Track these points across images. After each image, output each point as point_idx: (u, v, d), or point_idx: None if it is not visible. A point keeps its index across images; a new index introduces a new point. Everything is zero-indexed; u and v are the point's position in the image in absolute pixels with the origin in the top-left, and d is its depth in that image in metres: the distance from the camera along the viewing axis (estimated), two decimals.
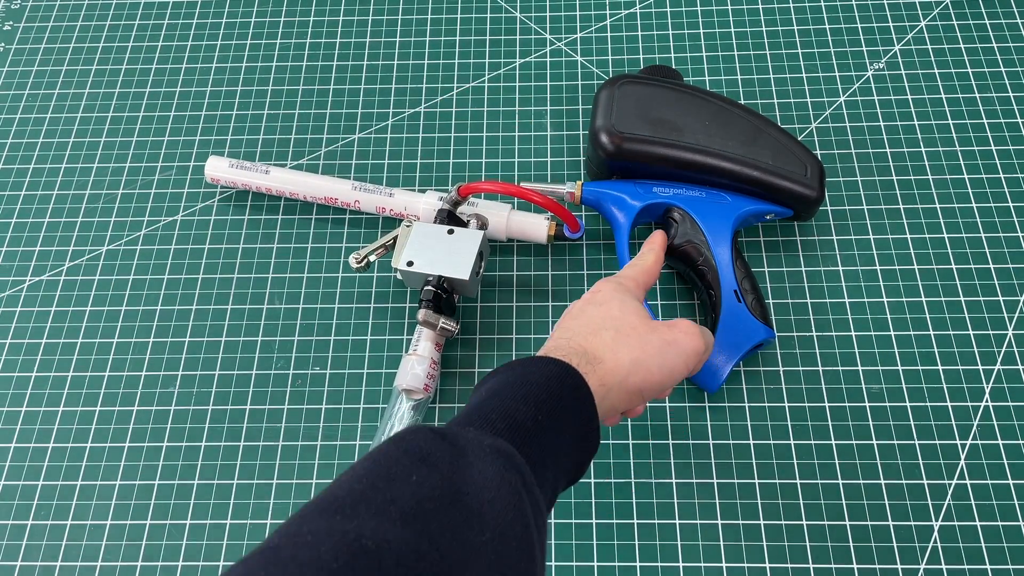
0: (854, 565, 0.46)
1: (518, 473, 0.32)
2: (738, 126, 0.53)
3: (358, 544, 0.27)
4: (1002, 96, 0.61)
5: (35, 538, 0.49)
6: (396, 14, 0.68)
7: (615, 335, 0.40)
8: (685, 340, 0.40)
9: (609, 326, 0.40)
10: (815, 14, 0.66)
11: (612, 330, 0.40)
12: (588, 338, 0.40)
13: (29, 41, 0.68)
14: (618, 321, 0.40)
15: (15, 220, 0.60)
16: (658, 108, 0.54)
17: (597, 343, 0.39)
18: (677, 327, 0.41)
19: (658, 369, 0.39)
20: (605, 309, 0.41)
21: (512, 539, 0.30)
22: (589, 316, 0.41)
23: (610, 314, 0.41)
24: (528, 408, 0.35)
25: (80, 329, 0.56)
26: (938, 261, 0.55)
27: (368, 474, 0.30)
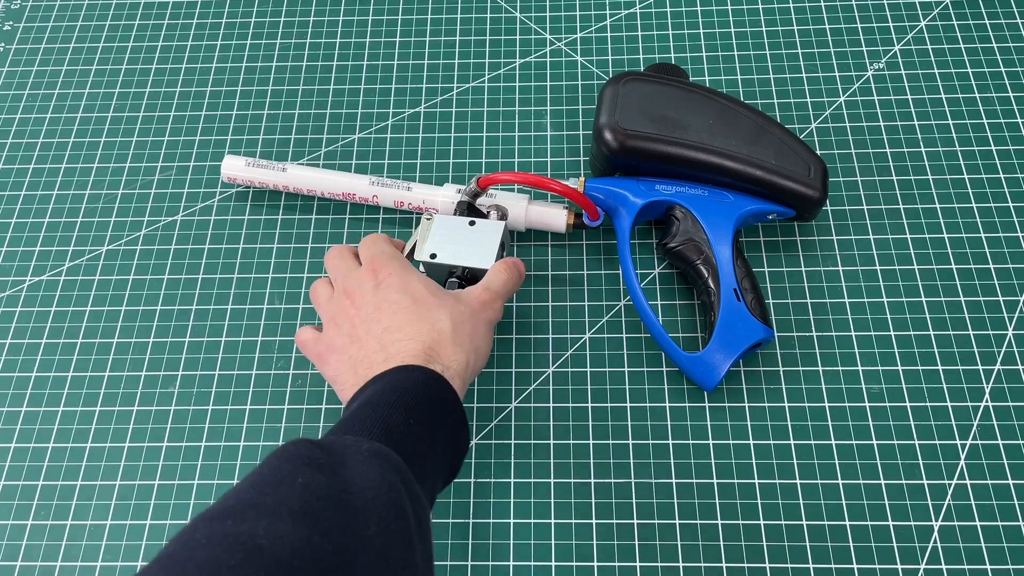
0: (854, 565, 0.46)
1: (396, 472, 0.34)
2: (742, 125, 0.53)
3: (252, 543, 0.28)
4: (1002, 96, 0.61)
5: (35, 538, 0.49)
6: (396, 14, 0.68)
7: (453, 329, 0.43)
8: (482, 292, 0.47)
9: (427, 316, 0.43)
10: (815, 14, 0.66)
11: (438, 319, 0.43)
12: (421, 335, 0.42)
13: (29, 41, 0.68)
14: (420, 304, 0.44)
15: (15, 220, 0.60)
16: (662, 106, 0.54)
17: (436, 340, 0.42)
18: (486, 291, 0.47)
19: (485, 330, 0.45)
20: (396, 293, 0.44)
21: (395, 532, 0.32)
22: (395, 306, 0.43)
23: (407, 298, 0.44)
24: (399, 413, 0.37)
25: (80, 329, 0.56)
26: (938, 261, 0.55)
27: (254, 485, 0.31)
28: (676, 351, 0.51)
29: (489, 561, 0.47)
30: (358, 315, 0.44)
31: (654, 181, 0.54)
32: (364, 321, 0.43)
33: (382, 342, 0.42)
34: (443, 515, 0.49)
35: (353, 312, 0.44)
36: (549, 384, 0.52)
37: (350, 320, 0.44)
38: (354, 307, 0.44)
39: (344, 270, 0.47)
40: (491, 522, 0.48)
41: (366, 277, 0.45)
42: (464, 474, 0.50)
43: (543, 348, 0.53)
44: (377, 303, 0.44)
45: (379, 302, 0.44)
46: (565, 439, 0.51)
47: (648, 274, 0.56)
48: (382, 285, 0.44)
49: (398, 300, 0.43)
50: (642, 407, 0.51)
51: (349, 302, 0.45)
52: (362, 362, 0.42)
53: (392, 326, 0.42)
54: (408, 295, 0.43)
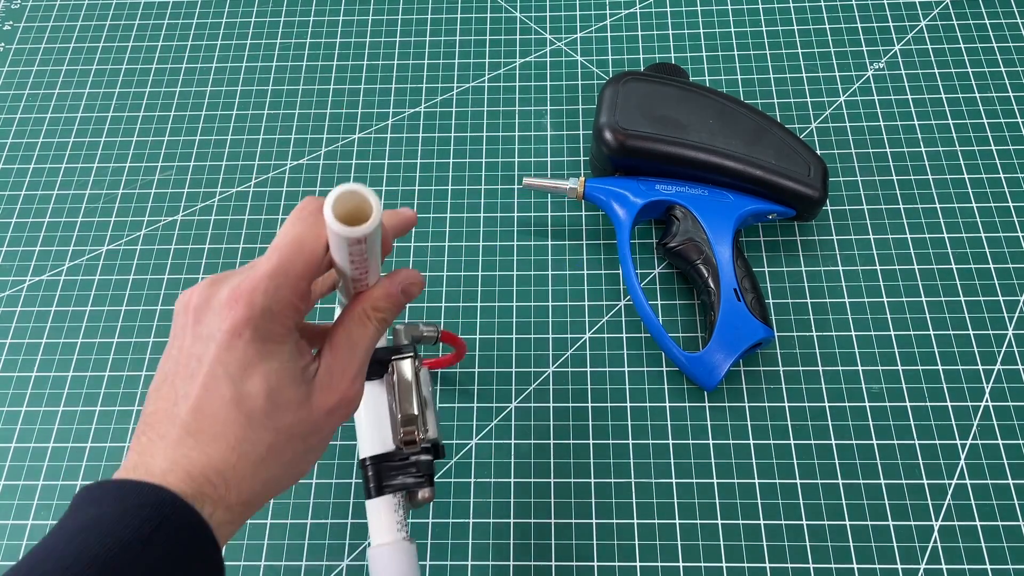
0: (854, 565, 0.46)
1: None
2: (742, 125, 0.53)
3: None
4: (1002, 96, 0.61)
5: (35, 538, 0.49)
6: (396, 14, 0.68)
7: (266, 454, 0.29)
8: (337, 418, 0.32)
9: (233, 427, 0.28)
10: (815, 14, 0.66)
11: (237, 432, 0.28)
12: (212, 454, 0.28)
13: (29, 41, 0.68)
14: (248, 417, 0.29)
15: (15, 220, 0.60)
16: (662, 106, 0.54)
17: (231, 467, 0.28)
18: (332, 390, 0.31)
19: (319, 446, 0.32)
20: (218, 389, 0.29)
21: None
22: (201, 401, 0.29)
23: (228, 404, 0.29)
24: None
25: (80, 329, 0.56)
26: (938, 261, 0.55)
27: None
28: (676, 351, 0.51)
29: (489, 561, 0.47)
30: (182, 348, 0.30)
31: (654, 181, 0.54)
32: (178, 367, 0.30)
33: (161, 429, 0.29)
34: (443, 515, 0.49)
35: (182, 340, 0.30)
36: (549, 384, 0.52)
37: (179, 343, 0.30)
38: (185, 334, 0.30)
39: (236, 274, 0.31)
40: (491, 522, 0.48)
41: (196, 311, 0.30)
42: (464, 474, 0.50)
43: (543, 348, 0.53)
44: (190, 364, 0.29)
45: (192, 366, 0.29)
46: (565, 439, 0.51)
47: (648, 274, 0.56)
48: (203, 340, 0.29)
49: (212, 387, 0.29)
50: (642, 407, 0.51)
51: (190, 318, 0.30)
52: (150, 413, 0.29)
53: (184, 418, 0.28)
54: (232, 385, 0.29)
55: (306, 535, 0.49)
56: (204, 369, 0.29)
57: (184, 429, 0.28)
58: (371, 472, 0.39)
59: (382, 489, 0.39)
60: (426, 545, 0.48)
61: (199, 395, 0.29)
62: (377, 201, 0.28)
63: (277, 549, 0.48)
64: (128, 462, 0.29)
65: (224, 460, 0.28)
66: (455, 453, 0.51)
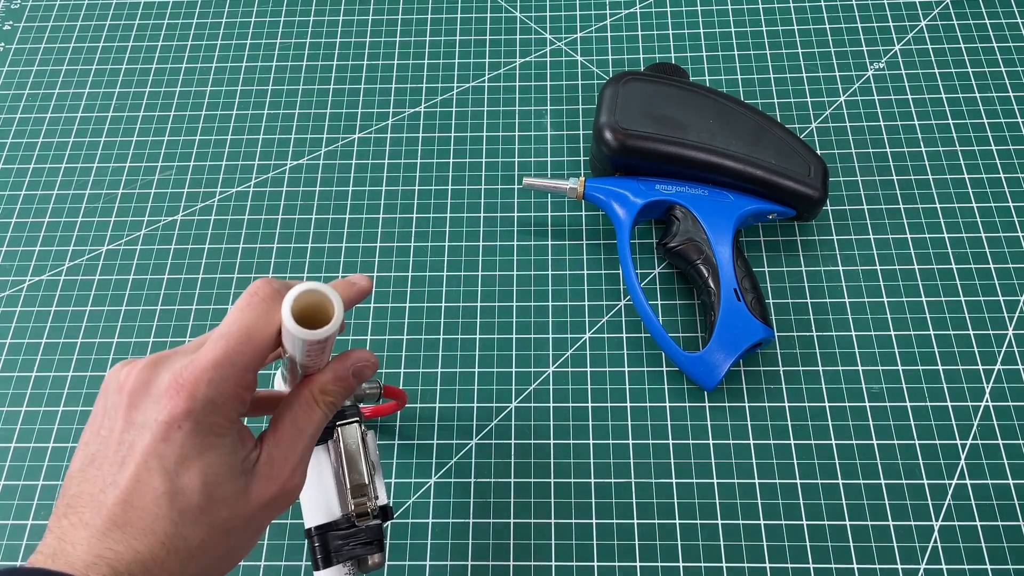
0: (854, 565, 0.46)
1: None
2: (742, 125, 0.53)
3: None
4: (1002, 96, 0.61)
5: (35, 538, 0.49)
6: (396, 14, 0.68)
7: (199, 547, 0.28)
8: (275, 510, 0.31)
9: (164, 522, 0.27)
10: (815, 14, 0.66)
11: (168, 528, 0.27)
12: (142, 549, 0.27)
13: (29, 41, 0.68)
14: (182, 513, 0.27)
15: (15, 220, 0.60)
16: (662, 105, 0.54)
17: (160, 561, 0.27)
18: (272, 481, 0.30)
19: (252, 538, 0.31)
20: (150, 482, 0.27)
21: None
22: (131, 492, 0.27)
23: (160, 498, 0.27)
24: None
25: (80, 329, 0.56)
26: (938, 261, 0.55)
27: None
28: (676, 351, 0.51)
29: (489, 561, 0.47)
30: (112, 431, 0.28)
31: (654, 181, 0.54)
32: (107, 450, 0.28)
33: (85, 515, 0.27)
34: (443, 515, 0.49)
35: (113, 422, 0.29)
36: (549, 384, 0.52)
37: (109, 424, 0.29)
38: (116, 416, 0.29)
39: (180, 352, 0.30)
40: (491, 522, 0.48)
41: (131, 395, 0.28)
42: (464, 474, 0.50)
43: (543, 348, 0.53)
44: (120, 451, 0.28)
45: (122, 453, 0.28)
46: (565, 439, 0.51)
47: (648, 274, 0.56)
48: (136, 427, 0.28)
49: (144, 479, 0.27)
50: (642, 407, 0.51)
51: (123, 401, 0.29)
52: (74, 495, 0.28)
53: (112, 508, 0.27)
54: (166, 479, 0.27)
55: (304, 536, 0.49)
56: (136, 458, 0.27)
57: (111, 520, 0.27)
58: (318, 543, 0.38)
59: (330, 560, 0.38)
60: (426, 545, 0.48)
61: (129, 486, 0.27)
62: (339, 301, 0.27)
63: (277, 549, 0.48)
64: (47, 546, 0.27)
65: (152, 556, 0.27)
66: (455, 453, 0.51)
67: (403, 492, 0.49)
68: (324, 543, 0.38)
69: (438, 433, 0.51)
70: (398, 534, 0.48)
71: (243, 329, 0.28)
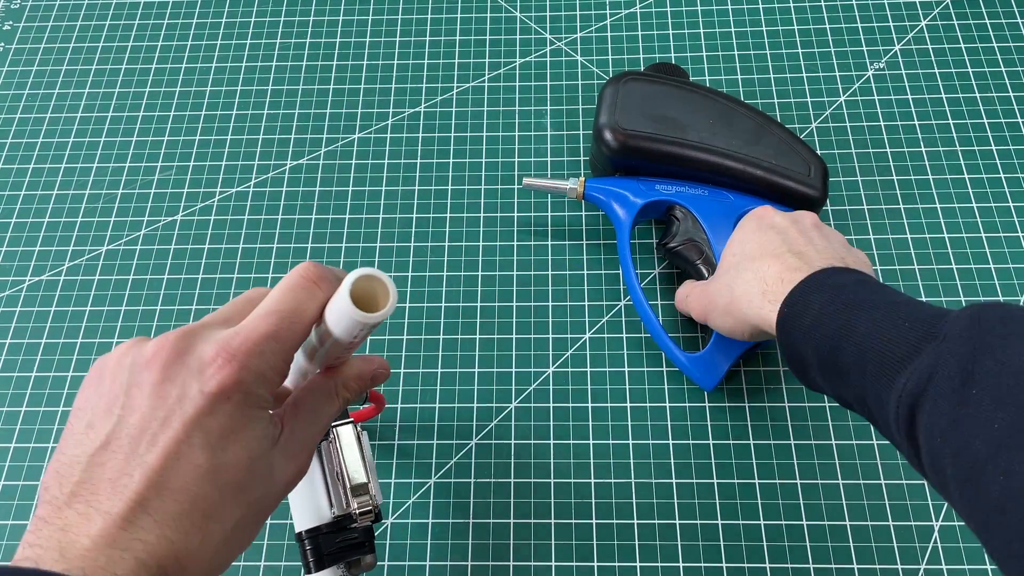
0: (854, 565, 0.46)
1: None
2: (742, 125, 0.53)
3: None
4: (1002, 96, 0.61)
5: None
6: (396, 14, 0.68)
7: (231, 534, 0.26)
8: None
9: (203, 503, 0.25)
10: (815, 13, 0.66)
11: (207, 509, 0.25)
12: (176, 542, 0.24)
13: (29, 41, 0.68)
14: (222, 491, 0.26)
15: (15, 220, 0.60)
16: (662, 106, 0.54)
17: (193, 554, 0.25)
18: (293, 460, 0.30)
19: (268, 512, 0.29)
20: (192, 458, 0.25)
21: None
22: (166, 472, 0.25)
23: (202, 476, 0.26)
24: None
25: (80, 329, 0.56)
26: (938, 261, 0.55)
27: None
28: (676, 351, 0.50)
29: (489, 561, 0.47)
30: (132, 409, 0.26)
31: (654, 181, 0.54)
32: (126, 428, 0.26)
33: (101, 502, 0.24)
34: (443, 515, 0.49)
35: (133, 399, 0.27)
36: (549, 384, 0.52)
37: (124, 402, 0.27)
38: (140, 393, 0.27)
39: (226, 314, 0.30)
40: (491, 522, 0.48)
41: (164, 366, 0.27)
42: (464, 474, 0.50)
43: (543, 348, 0.53)
44: (149, 427, 0.26)
45: (152, 430, 0.26)
46: (565, 439, 0.51)
47: (648, 274, 0.56)
48: (170, 400, 0.26)
49: (185, 455, 0.25)
50: (642, 407, 0.51)
51: (154, 374, 0.27)
52: (80, 482, 0.25)
53: (140, 491, 0.24)
54: (210, 454, 0.26)
55: None
56: (173, 433, 0.25)
57: (139, 505, 0.24)
58: (309, 547, 0.37)
59: (322, 562, 0.37)
60: (426, 545, 0.48)
61: (164, 464, 0.25)
62: (393, 287, 0.28)
63: (277, 549, 0.48)
64: (44, 538, 0.23)
65: (185, 545, 0.24)
66: (455, 453, 0.51)
67: (403, 492, 0.49)
68: (316, 546, 0.38)
69: (438, 433, 0.51)
70: (398, 534, 0.48)
71: (296, 308, 0.28)
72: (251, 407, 0.27)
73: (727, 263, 0.44)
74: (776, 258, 0.40)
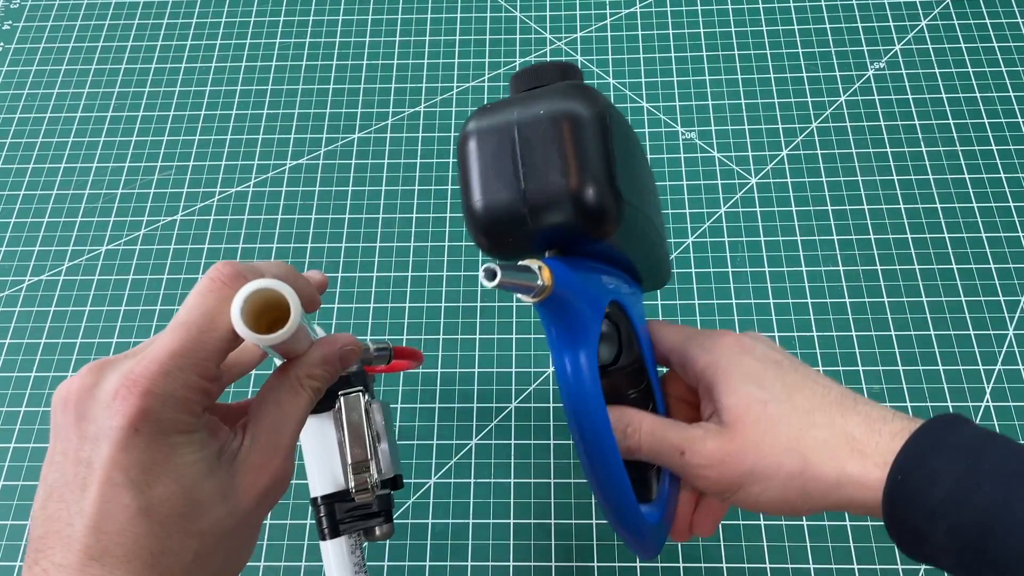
0: (854, 565, 0.46)
1: None
2: None
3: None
4: (1003, 96, 0.61)
5: None
6: (396, 14, 0.68)
7: (192, 561, 0.25)
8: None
9: (147, 540, 0.24)
10: (815, 13, 0.66)
11: (153, 546, 0.24)
12: (119, 569, 0.24)
13: (28, 40, 0.68)
14: (163, 525, 0.25)
15: (14, 220, 0.60)
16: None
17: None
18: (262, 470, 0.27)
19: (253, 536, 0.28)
20: (119, 499, 0.24)
21: None
22: (100, 517, 0.24)
23: (135, 516, 0.24)
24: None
25: (79, 329, 0.55)
26: (938, 261, 0.55)
27: None
28: (632, 506, 0.32)
29: (489, 562, 0.47)
30: (67, 453, 0.25)
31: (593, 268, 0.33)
32: (64, 476, 0.25)
33: (56, 556, 0.24)
34: (443, 515, 0.49)
35: (66, 442, 0.25)
36: (549, 384, 0.52)
37: (62, 447, 0.25)
38: (68, 435, 0.25)
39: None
40: (491, 522, 0.48)
41: (77, 405, 0.25)
42: (464, 474, 0.50)
43: (543, 348, 0.53)
44: (79, 472, 0.25)
45: (81, 474, 0.24)
46: (565, 439, 0.50)
47: None
48: (90, 440, 0.25)
49: (112, 498, 0.24)
50: None
51: (71, 416, 0.25)
52: (39, 538, 0.25)
53: (84, 540, 0.24)
54: (136, 493, 0.24)
55: (305, 535, 0.49)
56: (97, 476, 0.24)
57: (85, 554, 0.24)
58: (323, 512, 0.37)
59: (337, 530, 0.37)
60: (426, 545, 0.48)
61: (96, 510, 0.24)
62: (295, 300, 0.25)
63: (277, 549, 0.48)
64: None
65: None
66: (455, 453, 0.50)
67: (403, 493, 0.49)
68: (331, 513, 0.37)
69: (438, 433, 0.51)
70: (398, 534, 0.48)
71: (205, 315, 0.26)
72: (168, 434, 0.25)
73: (759, 415, 0.32)
74: (840, 406, 0.32)
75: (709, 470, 0.32)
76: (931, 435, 0.29)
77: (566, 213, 0.29)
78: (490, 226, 0.31)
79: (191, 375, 0.25)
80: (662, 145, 0.60)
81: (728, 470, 0.32)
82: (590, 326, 0.31)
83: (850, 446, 0.30)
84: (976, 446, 0.28)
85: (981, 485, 0.27)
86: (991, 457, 0.28)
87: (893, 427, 0.31)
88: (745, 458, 0.31)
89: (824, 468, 0.30)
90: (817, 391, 0.33)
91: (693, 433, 0.32)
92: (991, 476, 0.27)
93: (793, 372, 0.34)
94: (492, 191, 0.31)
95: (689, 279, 0.55)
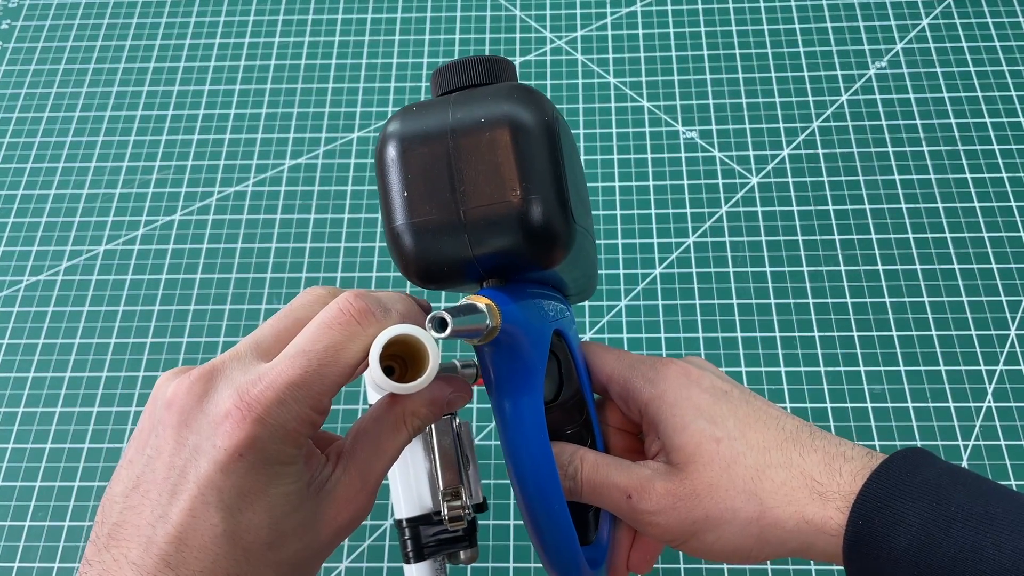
0: None
1: None
2: None
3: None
4: (1004, 95, 0.61)
5: (32, 540, 0.49)
6: (396, 12, 0.68)
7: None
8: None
9: (226, 562, 0.24)
10: (816, 13, 0.65)
11: (230, 569, 0.25)
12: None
13: (27, 40, 0.68)
14: (246, 551, 0.25)
15: (12, 219, 0.60)
16: None
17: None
18: (348, 504, 0.27)
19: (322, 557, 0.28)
20: (208, 518, 0.24)
21: None
22: (185, 529, 0.24)
23: (220, 538, 0.24)
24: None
25: (78, 329, 0.55)
26: (940, 260, 0.55)
27: None
28: (572, 550, 0.31)
29: (489, 563, 0.47)
30: (160, 451, 0.25)
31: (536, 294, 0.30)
32: (154, 474, 0.25)
33: (131, 551, 0.24)
34: None
35: (161, 439, 0.25)
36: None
37: (155, 443, 0.25)
38: (164, 433, 0.25)
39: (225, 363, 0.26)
40: (491, 523, 0.48)
41: (182, 412, 0.25)
42: None
43: None
44: (170, 477, 0.25)
45: (173, 480, 0.25)
46: None
47: (648, 274, 0.55)
48: (189, 450, 0.25)
49: (201, 514, 0.24)
50: None
51: (173, 418, 0.25)
52: (116, 524, 0.25)
53: (163, 547, 0.24)
54: (226, 516, 0.24)
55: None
56: (190, 489, 0.24)
57: (163, 560, 0.24)
58: (408, 535, 0.36)
59: (422, 554, 0.36)
60: None
61: (183, 522, 0.24)
62: (435, 350, 0.24)
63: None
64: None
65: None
66: None
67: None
68: (416, 536, 0.36)
69: None
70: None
71: (328, 348, 0.25)
72: (269, 464, 0.24)
73: (712, 455, 0.30)
74: (796, 442, 0.30)
75: (659, 516, 0.30)
76: (893, 474, 0.28)
77: (513, 238, 0.25)
78: (421, 254, 0.26)
79: (305, 407, 0.25)
80: (663, 144, 0.60)
81: (679, 516, 0.29)
82: (536, 366, 0.29)
83: (809, 488, 0.29)
84: (942, 485, 0.27)
85: (949, 531, 0.26)
86: (957, 499, 0.26)
87: (853, 465, 0.29)
88: (698, 503, 0.29)
89: (782, 513, 0.29)
90: (771, 425, 0.30)
91: (640, 473, 0.30)
92: (959, 521, 0.26)
93: (744, 405, 0.31)
94: (422, 212, 0.26)
95: (690, 279, 0.55)
